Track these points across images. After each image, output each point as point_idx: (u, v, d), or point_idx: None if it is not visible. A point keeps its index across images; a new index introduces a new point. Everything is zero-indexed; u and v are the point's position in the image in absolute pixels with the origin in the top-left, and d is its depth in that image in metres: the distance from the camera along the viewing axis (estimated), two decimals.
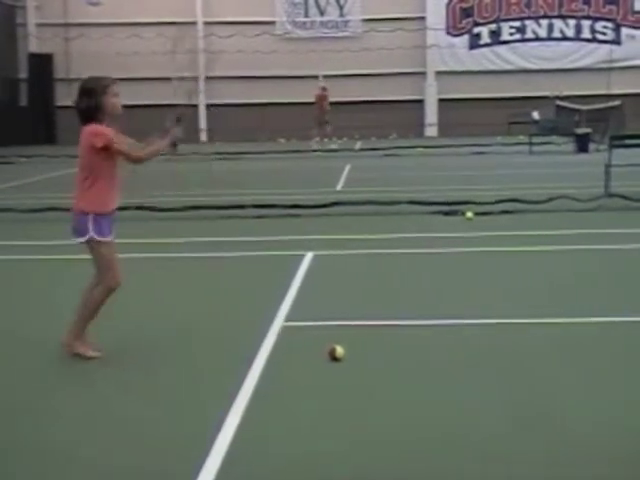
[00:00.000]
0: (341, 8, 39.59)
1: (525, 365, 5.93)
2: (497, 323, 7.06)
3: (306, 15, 39.68)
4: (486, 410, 5.08)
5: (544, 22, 39.49)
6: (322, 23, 39.64)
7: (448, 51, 39.28)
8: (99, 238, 6.12)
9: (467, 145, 28.42)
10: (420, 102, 39.43)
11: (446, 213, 13.30)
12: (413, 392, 5.43)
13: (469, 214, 12.95)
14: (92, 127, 6.04)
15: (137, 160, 6.25)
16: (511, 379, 5.64)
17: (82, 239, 6.15)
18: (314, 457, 4.46)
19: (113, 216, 6.29)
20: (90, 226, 6.08)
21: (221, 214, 13.55)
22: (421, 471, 4.30)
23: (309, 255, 10.13)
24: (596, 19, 39.40)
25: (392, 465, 4.35)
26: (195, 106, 39.21)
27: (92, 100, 6.02)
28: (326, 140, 32.03)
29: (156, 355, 6.35)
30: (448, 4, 39.52)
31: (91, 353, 6.19)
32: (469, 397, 5.30)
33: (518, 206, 13.50)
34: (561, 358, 6.11)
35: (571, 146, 27.45)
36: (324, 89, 32.77)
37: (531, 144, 27.18)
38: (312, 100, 38.78)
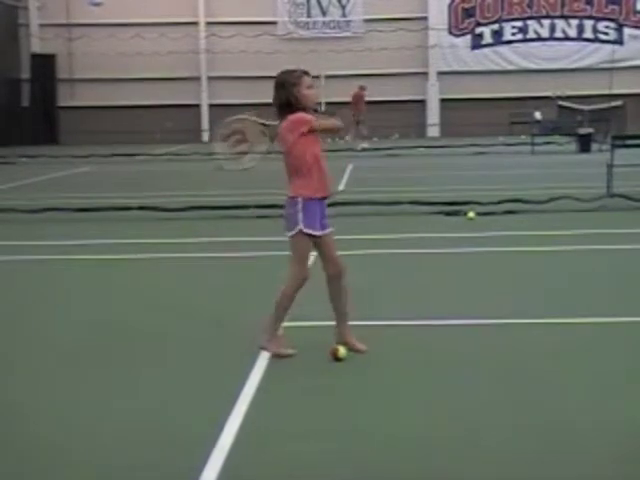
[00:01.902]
0: (343, 8, 39.59)
1: (524, 365, 5.92)
2: (498, 323, 7.04)
3: (308, 15, 39.69)
4: (488, 410, 5.07)
5: (546, 22, 39.47)
6: (324, 23, 39.64)
7: (450, 51, 39.27)
8: (306, 230, 6.20)
9: (469, 145, 28.41)
10: (422, 102, 39.43)
11: (448, 213, 13.28)
12: (414, 392, 5.43)
13: (471, 214, 12.94)
14: (293, 116, 6.06)
15: (340, 127, 6.32)
16: (511, 379, 5.63)
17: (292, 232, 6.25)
18: (316, 456, 4.45)
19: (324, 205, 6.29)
20: (300, 216, 6.18)
21: (223, 214, 13.54)
22: (422, 471, 4.29)
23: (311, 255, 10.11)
24: (598, 19, 39.36)
25: (394, 465, 4.34)
26: (197, 106, 39.23)
27: (286, 93, 6.05)
28: (360, 139, 31.97)
29: (158, 354, 6.34)
30: (450, 4, 39.50)
31: (285, 351, 6.18)
32: (469, 397, 5.29)
33: (520, 206, 13.49)
34: (563, 358, 6.10)
35: (573, 146, 27.44)
36: (362, 88, 32.58)
37: (533, 144, 27.16)
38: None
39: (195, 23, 39.46)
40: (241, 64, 38.53)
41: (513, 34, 39.57)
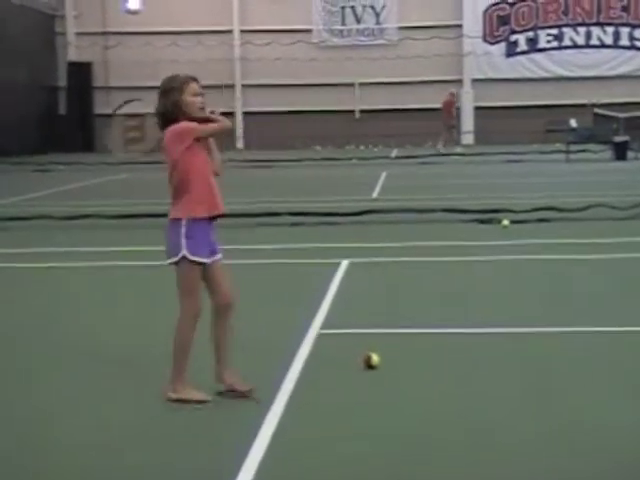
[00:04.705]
0: (377, 16, 39.60)
1: (557, 373, 5.90)
2: (532, 332, 7.03)
3: (342, 23, 39.73)
4: (516, 418, 5.06)
5: (582, 29, 39.23)
6: (358, 31, 39.66)
7: (485, 59, 39.13)
8: (192, 257, 5.41)
9: (503, 153, 28.29)
10: (456, 110, 39.29)
11: (482, 221, 13.25)
12: (448, 400, 5.43)
13: (505, 222, 12.90)
14: (173, 129, 5.42)
15: (229, 128, 5.75)
16: (544, 388, 5.61)
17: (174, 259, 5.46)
18: (349, 463, 4.46)
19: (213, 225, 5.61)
20: (183, 240, 5.41)
21: (256, 222, 13.59)
22: (453, 472, 4.29)
23: (345, 263, 10.14)
24: (635, 26, 39.08)
25: (427, 471, 4.35)
26: (232, 114, 39.41)
27: (167, 101, 5.43)
28: (453, 144, 32.54)
29: (192, 360, 6.37)
30: (485, 11, 39.39)
31: (199, 396, 5.44)
32: (500, 405, 5.29)
33: (555, 214, 13.42)
34: (594, 367, 6.08)
35: (609, 154, 27.25)
36: (452, 94, 33.47)
37: (568, 152, 27.02)
38: (348, 108, 39.00)
39: (230, 31, 39.63)
40: (275, 72, 38.64)
41: (548, 41, 39.36)
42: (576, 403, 5.32)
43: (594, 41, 39.31)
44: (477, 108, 39.00)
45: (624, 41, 39.22)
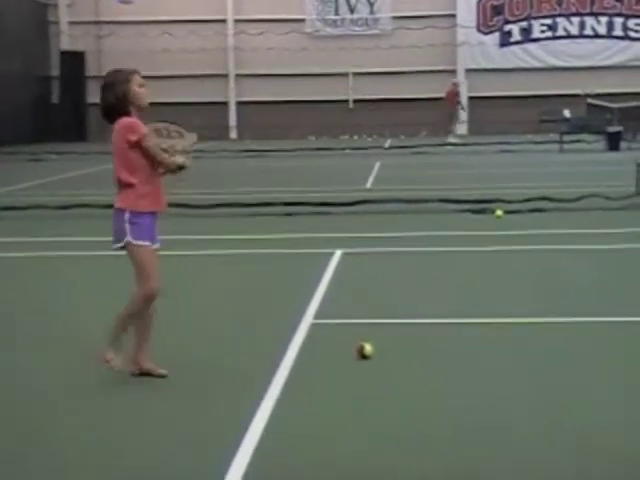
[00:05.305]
0: (371, 6, 39.54)
1: (550, 365, 5.92)
2: (525, 322, 7.04)
3: (336, 13, 39.66)
4: (512, 411, 5.08)
5: (575, 20, 39.22)
6: (352, 21, 39.60)
7: (478, 49, 39.11)
8: (135, 242, 5.57)
9: (497, 143, 28.30)
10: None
11: (475, 211, 13.26)
12: (442, 392, 5.44)
13: (499, 212, 12.91)
14: (125, 120, 5.54)
15: (176, 166, 5.68)
16: (537, 379, 5.63)
17: (119, 244, 5.63)
18: (343, 456, 4.47)
19: (156, 218, 5.73)
20: (127, 227, 5.55)
21: (250, 211, 13.59)
22: (453, 471, 4.30)
23: (338, 253, 10.15)
24: (628, 16, 39.08)
25: (420, 464, 4.36)
26: (225, 103, 39.35)
27: (115, 92, 5.54)
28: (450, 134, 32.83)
29: (185, 353, 6.38)
30: (479, 1, 39.35)
31: (119, 364, 5.66)
32: (496, 398, 5.30)
33: (548, 205, 13.44)
34: (588, 357, 6.09)
35: (602, 144, 27.28)
36: (455, 84, 33.77)
37: (562, 142, 27.02)
38: (341, 98, 38.99)
39: (223, 21, 39.54)
40: (269, 62, 38.58)
41: (542, 32, 39.34)
42: (567, 399, 5.33)
43: (588, 31, 39.31)
44: (471, 98, 38.98)
45: (618, 31, 39.22)
